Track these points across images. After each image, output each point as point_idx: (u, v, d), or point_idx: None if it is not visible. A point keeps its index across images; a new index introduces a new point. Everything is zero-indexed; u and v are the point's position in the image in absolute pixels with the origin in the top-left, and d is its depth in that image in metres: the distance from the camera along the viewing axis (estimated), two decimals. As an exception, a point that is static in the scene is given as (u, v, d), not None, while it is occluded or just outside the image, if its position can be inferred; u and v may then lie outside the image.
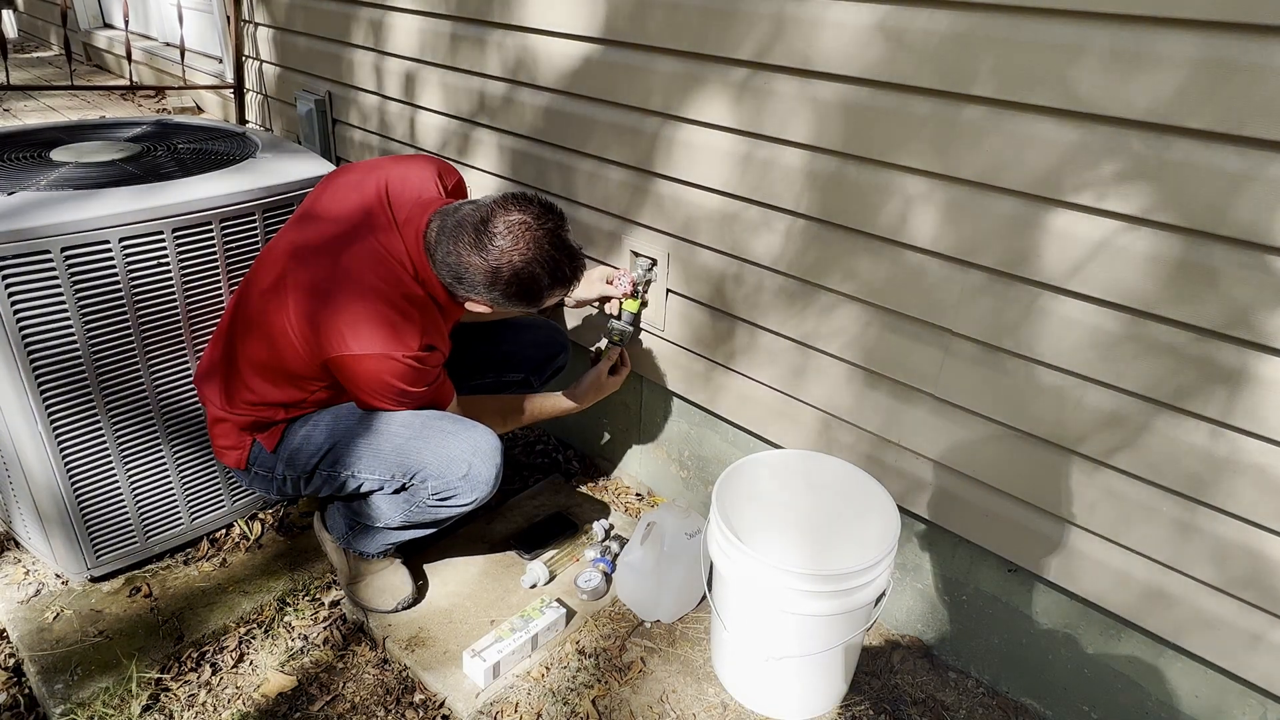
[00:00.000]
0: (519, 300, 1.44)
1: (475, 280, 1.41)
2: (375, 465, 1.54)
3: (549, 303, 1.50)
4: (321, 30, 2.73)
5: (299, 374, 1.51)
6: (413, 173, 1.57)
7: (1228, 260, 1.13)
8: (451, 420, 1.56)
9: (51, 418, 1.60)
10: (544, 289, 1.43)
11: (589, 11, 1.78)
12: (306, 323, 1.44)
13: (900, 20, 1.31)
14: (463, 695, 1.58)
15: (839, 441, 1.70)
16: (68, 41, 3.53)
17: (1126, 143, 1.16)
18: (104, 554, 1.78)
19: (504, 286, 1.40)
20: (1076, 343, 1.29)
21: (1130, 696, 1.48)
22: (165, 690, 1.59)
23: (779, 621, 1.45)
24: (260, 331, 1.51)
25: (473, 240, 1.38)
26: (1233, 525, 1.24)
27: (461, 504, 1.56)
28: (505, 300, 1.44)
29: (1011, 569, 1.55)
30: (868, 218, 1.47)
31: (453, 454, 1.52)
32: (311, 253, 1.48)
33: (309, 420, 1.59)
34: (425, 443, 1.52)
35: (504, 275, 1.39)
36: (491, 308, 1.49)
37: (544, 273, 1.40)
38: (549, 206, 1.43)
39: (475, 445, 1.53)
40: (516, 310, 1.53)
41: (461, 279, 1.42)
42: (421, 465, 1.52)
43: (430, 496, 1.55)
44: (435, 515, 1.59)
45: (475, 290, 1.43)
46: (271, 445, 1.59)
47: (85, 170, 1.69)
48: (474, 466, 1.52)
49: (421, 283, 1.48)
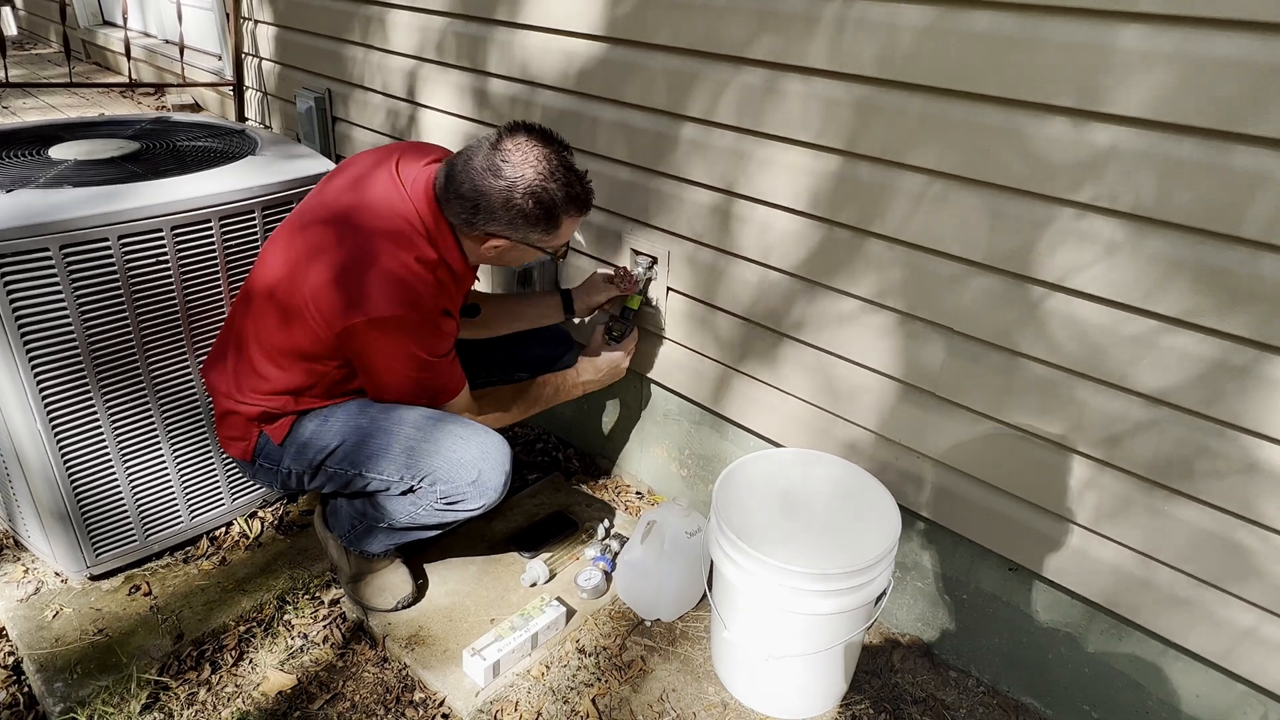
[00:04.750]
0: (537, 222, 1.43)
1: (493, 204, 1.41)
2: (384, 466, 1.54)
3: (565, 230, 1.48)
4: (321, 28, 2.72)
5: (313, 353, 1.50)
6: (422, 149, 1.59)
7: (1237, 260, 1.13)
8: (463, 424, 1.56)
9: (51, 416, 1.60)
10: (560, 206, 1.43)
11: (591, 9, 1.78)
12: (322, 292, 1.42)
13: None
14: (462, 694, 1.58)
15: (839, 440, 1.70)
16: (67, 39, 3.54)
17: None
18: (103, 552, 1.78)
19: (520, 202, 1.40)
20: (1079, 341, 1.29)
21: (1131, 696, 1.47)
22: (165, 689, 1.59)
23: (779, 620, 1.45)
24: (273, 312, 1.50)
25: (485, 163, 1.40)
26: (1235, 525, 1.24)
27: (469, 509, 1.56)
28: (524, 223, 1.43)
29: (1012, 568, 1.55)
30: (872, 217, 1.47)
31: (463, 458, 1.51)
32: (323, 226, 1.47)
33: (319, 415, 1.58)
34: (436, 446, 1.52)
35: (519, 191, 1.39)
36: (510, 239, 1.46)
37: (558, 188, 1.41)
38: (552, 132, 1.45)
39: (485, 451, 1.53)
40: (534, 242, 1.48)
41: (478, 207, 1.42)
42: (431, 468, 1.52)
43: (438, 500, 1.54)
44: (441, 518, 1.59)
45: (493, 217, 1.42)
46: (279, 438, 1.58)
47: (84, 168, 1.69)
48: (484, 473, 1.52)
49: (435, 245, 1.47)
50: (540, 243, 1.49)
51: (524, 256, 1.56)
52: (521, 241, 1.48)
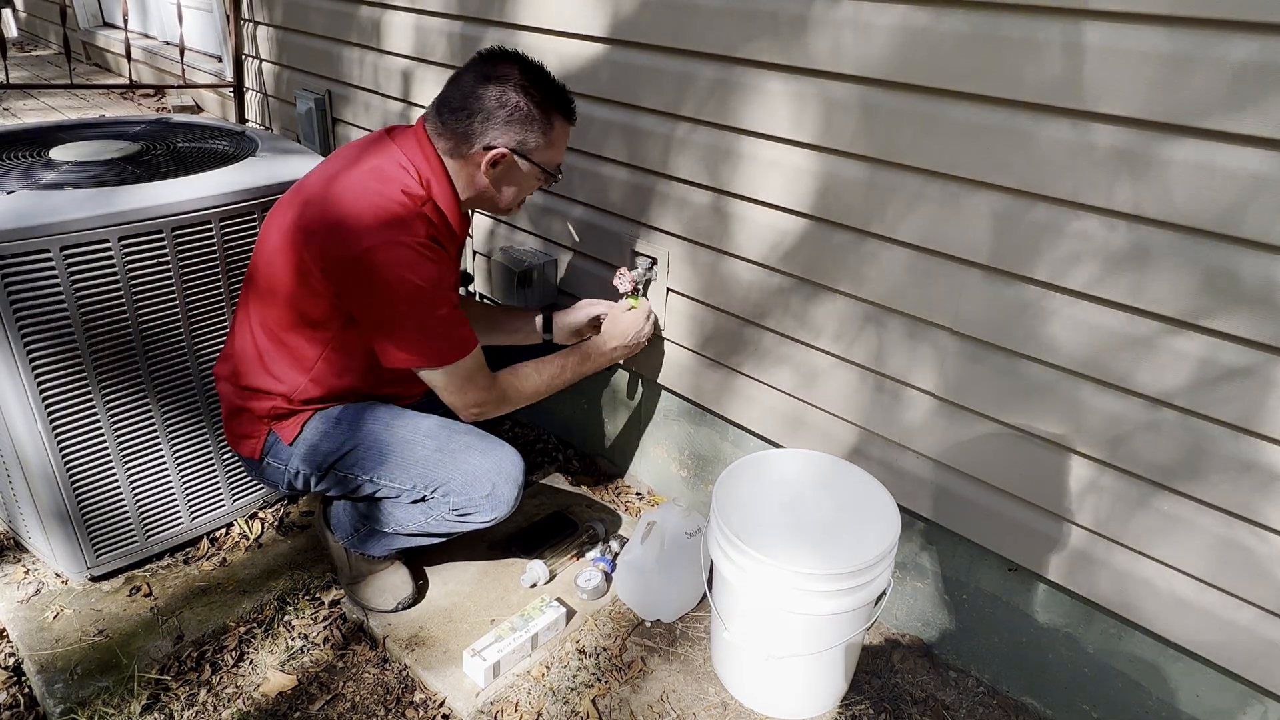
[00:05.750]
0: (532, 120, 1.45)
1: (488, 105, 1.43)
2: (396, 474, 1.54)
3: (558, 138, 1.51)
4: (321, 29, 2.73)
5: (317, 318, 1.49)
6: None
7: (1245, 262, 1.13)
8: (478, 435, 1.56)
9: (51, 417, 1.60)
10: (551, 100, 1.47)
11: (589, 11, 1.78)
12: (315, 240, 1.42)
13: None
14: (463, 694, 1.58)
15: (839, 440, 1.70)
16: (67, 40, 3.54)
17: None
18: (104, 553, 1.78)
19: (514, 97, 1.43)
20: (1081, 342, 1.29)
21: (1131, 696, 1.48)
22: (165, 689, 1.59)
23: (779, 620, 1.45)
24: (274, 282, 1.50)
25: (475, 77, 1.44)
26: (1235, 525, 1.24)
27: (480, 521, 1.56)
28: (520, 121, 1.44)
29: (1012, 568, 1.55)
30: (872, 217, 1.47)
31: (477, 471, 1.52)
32: (314, 189, 1.48)
33: (330, 416, 1.58)
34: (450, 457, 1.52)
35: (511, 86, 1.43)
36: (507, 147, 1.46)
37: (546, 86, 1.46)
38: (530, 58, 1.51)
39: (500, 465, 1.53)
40: (531, 150, 1.48)
41: (473, 112, 1.44)
42: (445, 479, 1.52)
43: (450, 511, 1.55)
44: (451, 529, 1.59)
45: (489, 119, 1.44)
46: (289, 438, 1.57)
47: (85, 169, 1.69)
48: (497, 486, 1.52)
49: (424, 185, 1.47)
50: (537, 153, 1.49)
51: (522, 185, 1.55)
52: (519, 150, 1.47)
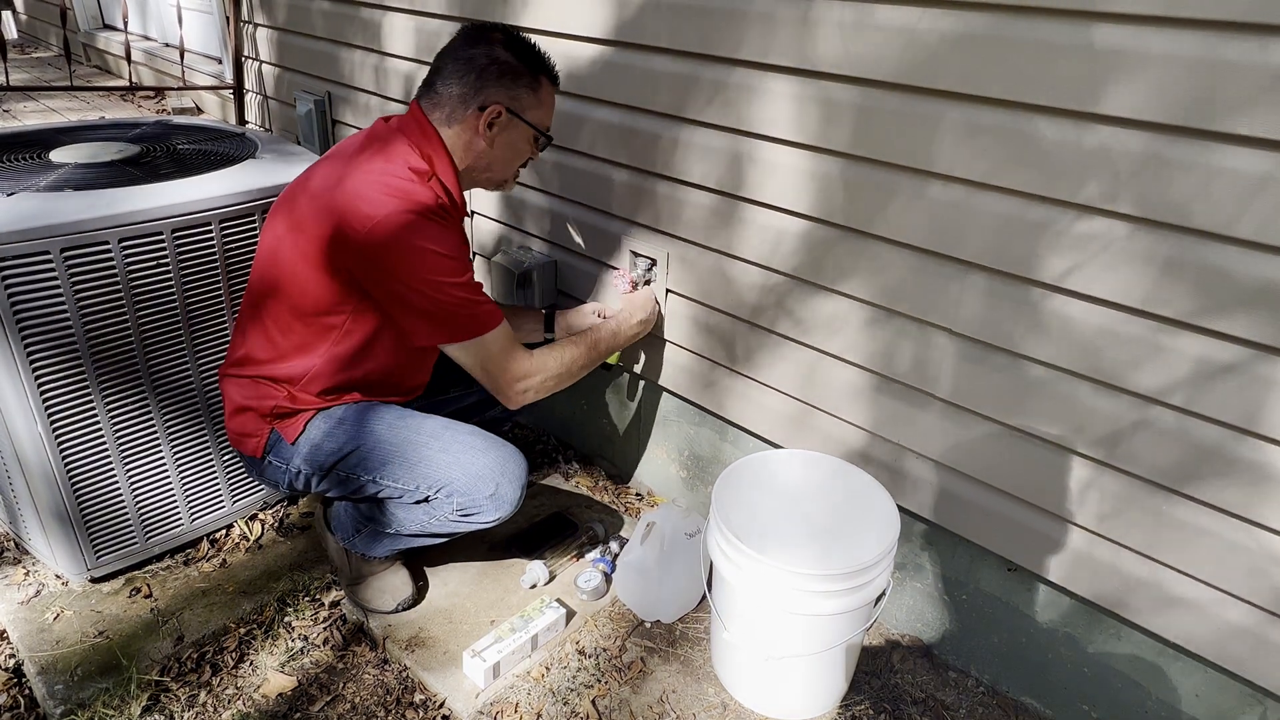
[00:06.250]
0: (521, 74, 1.51)
1: (480, 66, 1.49)
2: (400, 475, 1.54)
3: (546, 97, 1.57)
4: (321, 31, 2.73)
5: (325, 306, 1.50)
6: None
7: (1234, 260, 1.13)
8: (481, 436, 1.57)
9: (52, 418, 1.60)
10: (540, 67, 1.54)
11: (589, 12, 1.78)
12: (325, 224, 1.43)
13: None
14: (463, 695, 1.58)
15: (838, 441, 1.70)
16: (67, 42, 3.54)
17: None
18: (104, 555, 1.78)
19: (504, 54, 1.50)
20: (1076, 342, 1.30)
21: (1131, 696, 1.48)
22: (165, 691, 1.59)
23: (779, 621, 1.45)
24: (281, 276, 1.50)
25: (463, 42, 1.52)
26: (1235, 525, 1.24)
27: (483, 521, 1.56)
28: (511, 76, 1.50)
29: (1012, 568, 1.55)
30: (871, 218, 1.47)
31: (481, 471, 1.52)
32: (318, 180, 1.50)
33: (333, 415, 1.57)
34: (454, 457, 1.52)
35: (499, 44, 1.50)
36: (503, 104, 1.51)
37: (533, 49, 1.54)
38: None
39: (504, 465, 1.54)
40: (525, 109, 1.54)
41: (465, 76, 1.49)
42: (449, 480, 1.52)
43: (454, 511, 1.55)
44: (454, 529, 1.59)
45: (483, 76, 1.49)
46: (292, 437, 1.57)
47: (85, 171, 1.70)
48: (501, 486, 1.53)
49: (426, 159, 1.50)
50: (529, 112, 1.55)
51: (517, 147, 1.59)
52: (512, 108, 1.52)
